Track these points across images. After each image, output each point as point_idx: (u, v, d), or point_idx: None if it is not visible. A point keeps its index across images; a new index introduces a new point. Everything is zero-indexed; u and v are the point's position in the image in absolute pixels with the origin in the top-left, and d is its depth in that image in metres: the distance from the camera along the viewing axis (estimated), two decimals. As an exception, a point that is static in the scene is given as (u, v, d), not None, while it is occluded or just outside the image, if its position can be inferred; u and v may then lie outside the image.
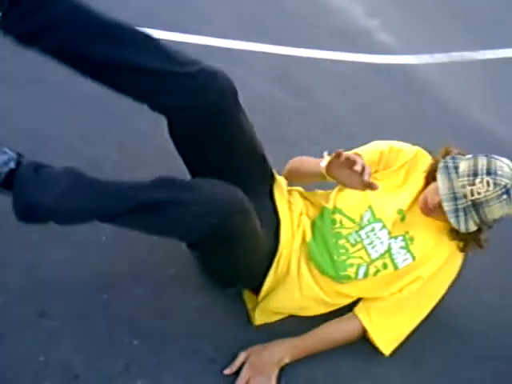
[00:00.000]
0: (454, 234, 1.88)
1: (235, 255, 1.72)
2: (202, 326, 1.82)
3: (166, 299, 1.85)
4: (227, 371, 1.73)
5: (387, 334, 1.93)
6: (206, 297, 1.90)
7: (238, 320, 1.88)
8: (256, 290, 1.91)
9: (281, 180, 2.05)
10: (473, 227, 1.79)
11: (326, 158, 1.79)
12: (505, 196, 1.72)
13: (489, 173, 1.73)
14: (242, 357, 1.76)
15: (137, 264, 1.91)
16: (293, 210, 1.96)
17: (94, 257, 1.88)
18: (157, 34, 1.75)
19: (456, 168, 1.79)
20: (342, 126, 2.97)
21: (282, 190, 2.00)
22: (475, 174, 1.74)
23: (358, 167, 1.61)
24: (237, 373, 1.74)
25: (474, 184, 1.73)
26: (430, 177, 1.89)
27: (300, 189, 2.09)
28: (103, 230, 1.96)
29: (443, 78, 3.87)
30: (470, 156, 1.81)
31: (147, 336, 1.73)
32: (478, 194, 1.72)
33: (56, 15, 1.54)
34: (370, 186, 1.64)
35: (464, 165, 1.78)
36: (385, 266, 1.88)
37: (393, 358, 1.94)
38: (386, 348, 1.93)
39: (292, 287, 1.88)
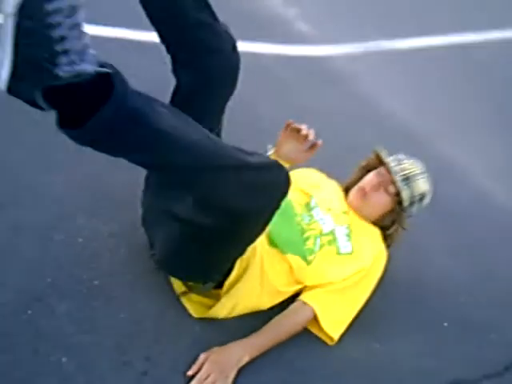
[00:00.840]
0: (383, 225, 2.26)
1: (245, 236, 1.78)
2: (131, 337, 1.83)
3: (92, 312, 1.85)
4: (189, 372, 1.77)
5: (335, 320, 2.02)
6: (134, 308, 1.91)
7: (168, 329, 1.89)
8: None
9: None
10: (406, 202, 2.17)
11: (272, 149, 2.22)
12: (424, 175, 2.23)
13: (407, 159, 2.25)
14: (202, 357, 1.81)
15: (60, 277, 1.90)
16: None
17: (14, 271, 1.86)
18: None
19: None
20: (263, 120, 3.00)
21: None
22: (399, 160, 2.23)
23: (304, 130, 2.11)
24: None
25: (402, 164, 2.21)
26: (361, 174, 2.32)
27: None
28: (23, 243, 1.95)
29: (361, 67, 3.97)
30: None
31: (75, 352, 1.72)
32: (408, 170, 2.19)
33: None
34: (315, 146, 2.15)
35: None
36: (330, 243, 2.06)
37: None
38: (335, 332, 2.01)
39: (254, 277, 1.94)
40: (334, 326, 2.01)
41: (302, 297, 2.01)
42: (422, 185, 2.21)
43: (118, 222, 2.08)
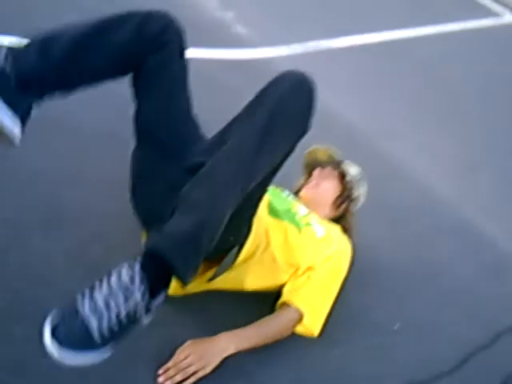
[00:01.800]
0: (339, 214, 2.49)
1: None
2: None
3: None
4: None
5: (316, 317, 2.13)
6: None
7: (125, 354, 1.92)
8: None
9: None
10: (350, 177, 2.46)
11: None
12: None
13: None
14: (187, 343, 1.88)
15: (15, 300, 1.90)
16: None
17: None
18: None
19: None
20: (210, 125, 3.02)
21: None
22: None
23: None
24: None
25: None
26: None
27: None
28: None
29: (302, 67, 4.00)
30: None
31: (36, 377, 1.74)
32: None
33: None
34: None
35: None
36: (307, 224, 2.23)
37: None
38: (317, 328, 2.13)
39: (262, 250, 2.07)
40: (315, 322, 2.12)
41: (286, 298, 2.10)
42: (355, 167, 2.51)
43: (71, 240, 2.10)
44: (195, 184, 1.63)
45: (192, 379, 1.78)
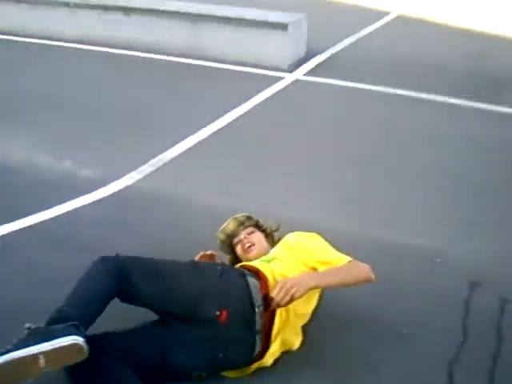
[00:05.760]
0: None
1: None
2: None
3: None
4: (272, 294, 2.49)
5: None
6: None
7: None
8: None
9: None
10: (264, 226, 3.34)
11: None
12: None
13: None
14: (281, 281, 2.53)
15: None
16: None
17: None
18: None
19: None
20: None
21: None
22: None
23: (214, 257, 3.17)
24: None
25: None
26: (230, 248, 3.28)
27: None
28: None
29: (160, 180, 4.46)
30: None
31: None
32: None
33: None
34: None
35: None
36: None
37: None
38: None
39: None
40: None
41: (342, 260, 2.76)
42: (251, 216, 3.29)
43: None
44: None
45: (288, 297, 2.44)
